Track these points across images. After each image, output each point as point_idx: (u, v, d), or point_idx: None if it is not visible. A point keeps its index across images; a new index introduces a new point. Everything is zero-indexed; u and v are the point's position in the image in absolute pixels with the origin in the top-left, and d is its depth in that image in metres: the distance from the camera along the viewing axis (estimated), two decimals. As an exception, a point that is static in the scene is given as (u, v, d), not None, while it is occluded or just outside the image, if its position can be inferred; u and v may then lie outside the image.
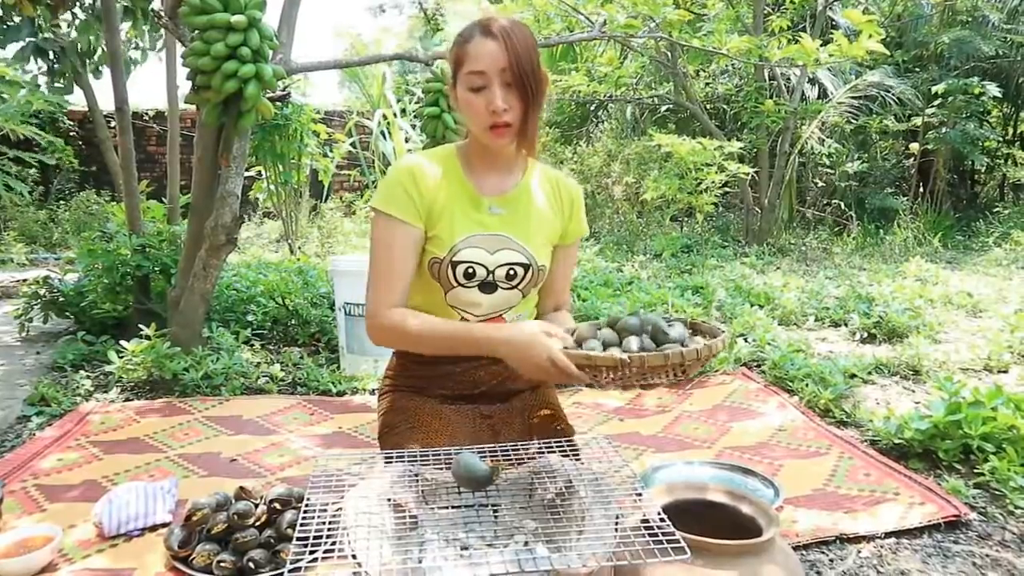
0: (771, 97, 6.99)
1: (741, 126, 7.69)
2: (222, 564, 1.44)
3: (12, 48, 4.46)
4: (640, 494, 1.14)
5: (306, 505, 1.08)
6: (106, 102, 3.87)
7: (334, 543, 1.02)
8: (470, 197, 1.44)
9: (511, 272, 1.44)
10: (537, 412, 1.51)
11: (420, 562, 1.05)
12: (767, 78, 7.23)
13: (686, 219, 8.17)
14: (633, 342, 1.21)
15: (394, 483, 1.19)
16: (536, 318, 1.63)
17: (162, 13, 2.92)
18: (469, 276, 1.42)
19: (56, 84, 4.88)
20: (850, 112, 7.45)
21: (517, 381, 1.53)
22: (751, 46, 4.31)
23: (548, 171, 1.56)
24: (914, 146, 8.31)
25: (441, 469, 1.23)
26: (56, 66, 4.70)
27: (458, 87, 1.38)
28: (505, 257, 1.43)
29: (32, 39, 4.35)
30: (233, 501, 1.58)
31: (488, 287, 1.44)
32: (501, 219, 1.45)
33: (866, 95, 7.42)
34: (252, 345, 3.23)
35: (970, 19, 7.96)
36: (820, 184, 8.57)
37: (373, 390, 2.77)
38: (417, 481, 1.22)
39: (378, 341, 1.41)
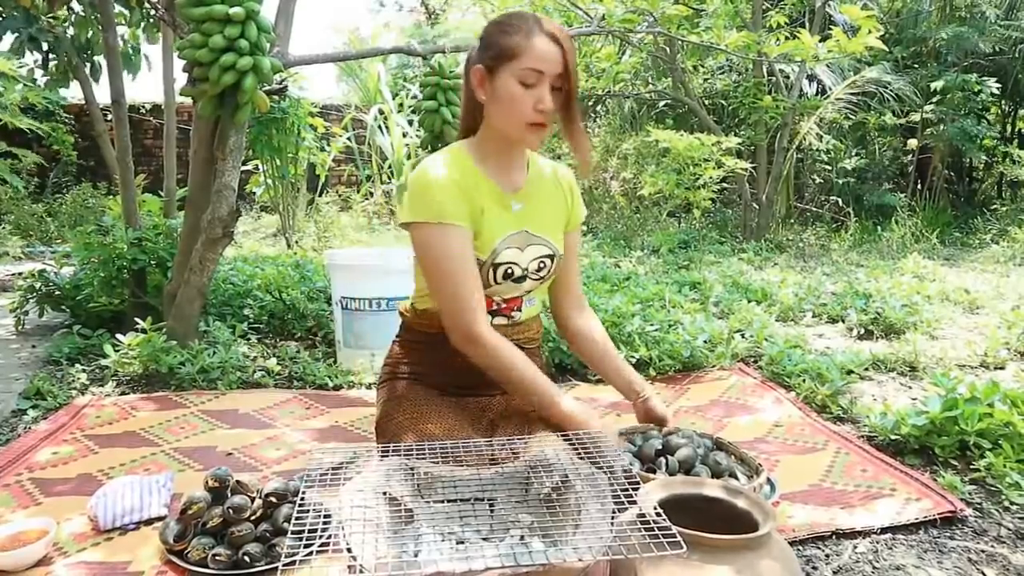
0: (769, 93, 6.98)
1: (739, 122, 7.68)
2: (217, 558, 1.43)
3: (7, 41, 4.42)
4: (636, 488, 1.14)
5: (301, 499, 1.08)
6: (103, 96, 3.85)
7: (329, 537, 1.02)
8: (497, 195, 1.45)
9: (541, 265, 1.50)
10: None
11: (415, 556, 1.04)
12: (765, 74, 7.21)
13: (684, 215, 8.17)
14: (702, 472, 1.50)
15: (389, 476, 1.19)
16: (558, 319, 1.65)
17: (158, 5, 2.90)
18: (507, 276, 1.47)
19: (51, 77, 4.85)
20: (848, 108, 7.45)
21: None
22: (749, 42, 4.30)
23: (544, 161, 1.59)
24: (912, 142, 8.30)
25: (437, 462, 1.23)
26: (50, 58, 4.66)
27: (500, 76, 1.35)
28: (535, 252, 1.48)
29: (27, 29, 4.31)
30: (229, 495, 1.57)
31: (520, 279, 1.50)
32: (520, 215, 1.47)
33: (864, 91, 7.41)
34: (248, 339, 3.22)
35: (968, 15, 7.95)
36: (818, 180, 8.56)
37: (369, 384, 2.77)
38: (413, 475, 1.22)
39: (473, 356, 1.39)
